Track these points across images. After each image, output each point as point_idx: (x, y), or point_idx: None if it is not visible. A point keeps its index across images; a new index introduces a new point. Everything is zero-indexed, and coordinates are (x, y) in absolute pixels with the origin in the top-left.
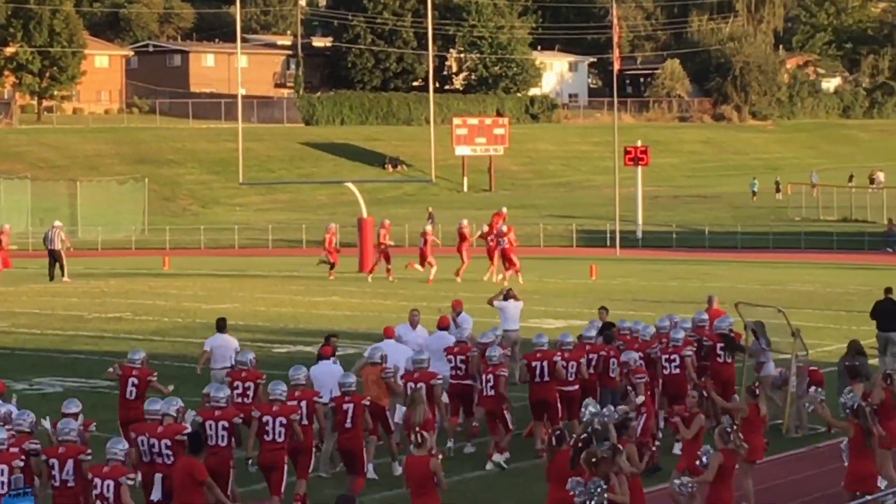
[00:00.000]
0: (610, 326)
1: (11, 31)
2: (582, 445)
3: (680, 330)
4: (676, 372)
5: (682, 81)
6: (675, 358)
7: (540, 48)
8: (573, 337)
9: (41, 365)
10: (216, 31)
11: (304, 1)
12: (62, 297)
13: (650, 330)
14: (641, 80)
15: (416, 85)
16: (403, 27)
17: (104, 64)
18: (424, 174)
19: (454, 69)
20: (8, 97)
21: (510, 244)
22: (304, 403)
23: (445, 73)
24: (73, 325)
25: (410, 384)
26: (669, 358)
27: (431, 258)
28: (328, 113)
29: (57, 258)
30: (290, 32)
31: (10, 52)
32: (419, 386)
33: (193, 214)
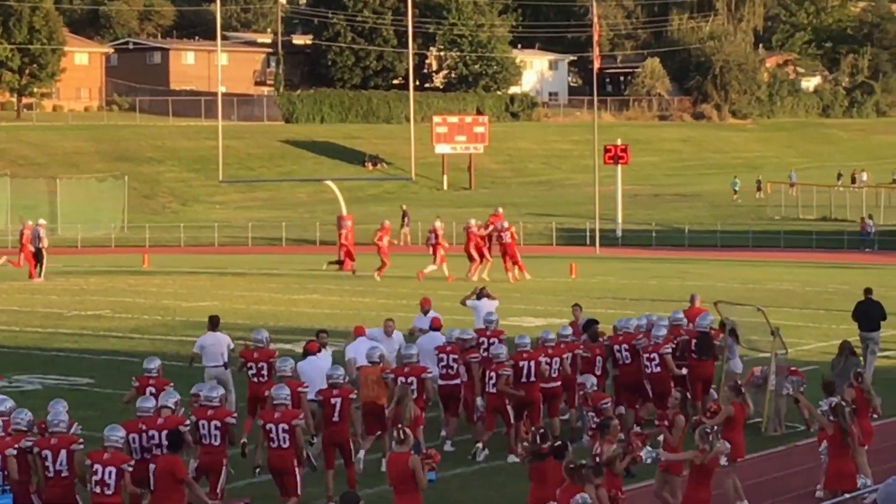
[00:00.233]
0: (595, 323)
1: None
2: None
3: (661, 328)
4: (658, 370)
5: (662, 80)
6: (654, 357)
7: (520, 46)
8: (554, 334)
9: (20, 362)
10: (196, 28)
11: None
12: (42, 294)
13: (632, 322)
14: (621, 78)
15: (396, 83)
16: (383, 25)
17: (84, 61)
18: (404, 172)
19: (434, 67)
20: None
21: (512, 238)
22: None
23: (426, 71)
24: (52, 322)
25: (401, 378)
26: (650, 357)
27: (443, 254)
28: (308, 111)
29: (38, 257)
30: (270, 30)
31: None
32: (410, 380)
33: (173, 212)
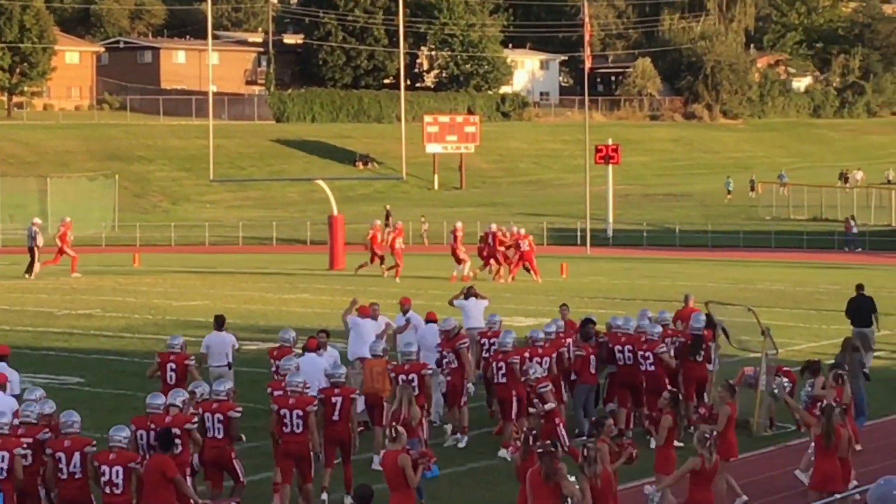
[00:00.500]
0: (591, 323)
1: None
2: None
3: (657, 326)
4: (652, 369)
5: (653, 80)
6: (649, 355)
7: (511, 46)
8: (543, 333)
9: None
10: (187, 27)
11: None
12: (32, 293)
13: (632, 322)
14: (613, 78)
15: (387, 82)
16: (374, 25)
17: (75, 60)
18: (395, 171)
19: (425, 67)
20: None
21: (530, 247)
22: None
23: (416, 70)
24: (43, 321)
25: (402, 377)
26: (644, 355)
27: (464, 255)
28: (299, 110)
29: (32, 256)
30: (261, 29)
31: None
32: (411, 377)
33: (164, 211)
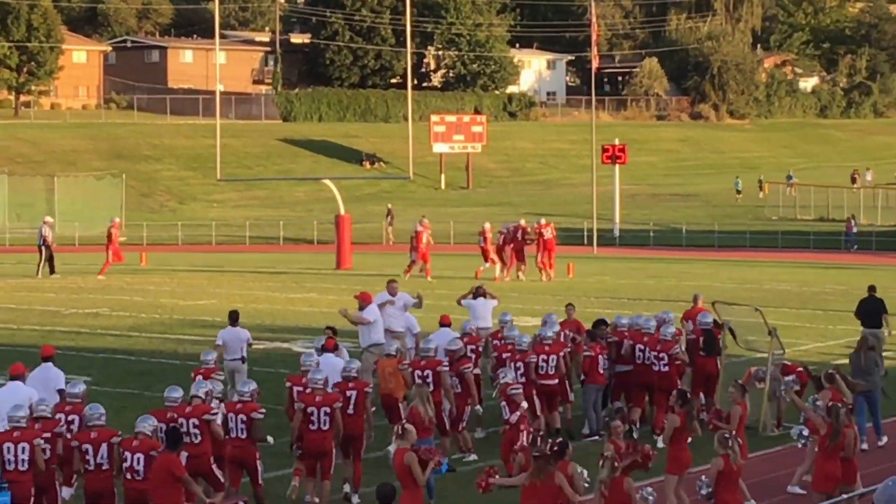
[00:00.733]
0: (604, 324)
1: None
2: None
3: (670, 326)
4: (666, 370)
5: (660, 80)
6: (664, 356)
7: (518, 46)
8: (553, 332)
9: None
10: (194, 27)
11: None
12: (39, 292)
13: (652, 322)
14: (619, 78)
15: (393, 82)
16: (382, 24)
17: (82, 59)
18: (402, 171)
19: (432, 66)
20: None
21: (553, 235)
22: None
23: (423, 70)
24: (50, 320)
25: (417, 372)
26: (659, 356)
27: (494, 255)
28: (306, 109)
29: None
30: (268, 29)
31: None
32: (426, 373)
33: (171, 210)
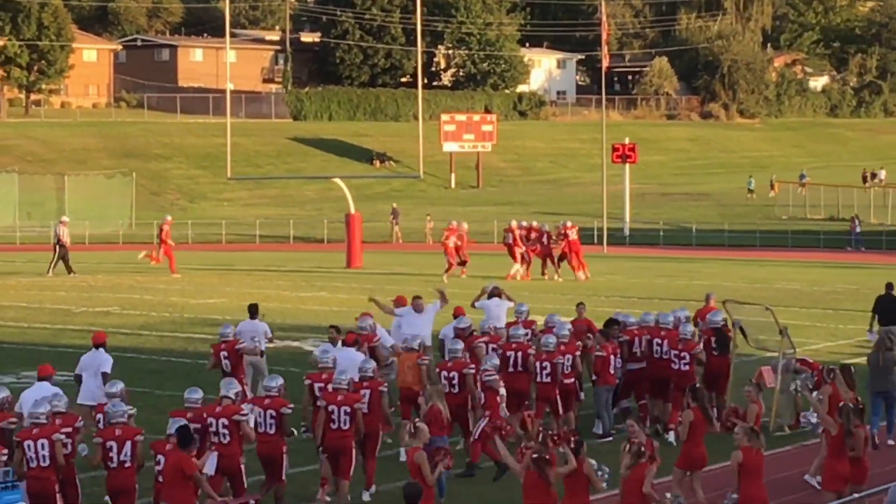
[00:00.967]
0: (616, 323)
1: (0, 24)
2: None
3: (689, 324)
4: (686, 368)
5: (670, 79)
6: (685, 355)
7: (528, 45)
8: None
9: (28, 358)
10: (205, 25)
11: None
12: (50, 290)
13: (670, 318)
14: (630, 77)
15: (404, 81)
16: (392, 23)
17: (92, 58)
18: (412, 170)
19: (442, 65)
20: None
21: (577, 235)
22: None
23: (434, 69)
24: (60, 318)
25: (444, 373)
26: (680, 354)
27: (518, 254)
28: (316, 108)
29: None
30: (278, 28)
31: None
32: (451, 375)
33: (181, 209)
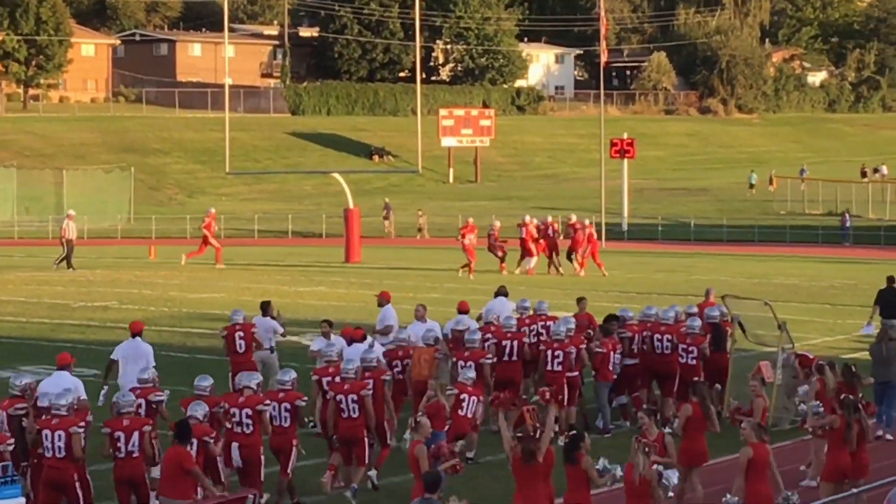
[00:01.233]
0: (615, 319)
1: None
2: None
3: (696, 319)
4: (693, 363)
5: (668, 74)
6: (693, 349)
7: (526, 40)
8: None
9: (26, 353)
10: (203, 20)
11: None
12: (48, 285)
13: (670, 313)
14: (628, 72)
15: (402, 76)
16: (390, 18)
17: (91, 52)
18: (410, 165)
19: (441, 60)
20: None
21: (593, 230)
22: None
23: (432, 64)
24: (59, 313)
25: (461, 362)
26: (687, 349)
27: (533, 247)
28: (315, 103)
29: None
30: (276, 22)
31: None
32: (469, 364)
33: (179, 204)
